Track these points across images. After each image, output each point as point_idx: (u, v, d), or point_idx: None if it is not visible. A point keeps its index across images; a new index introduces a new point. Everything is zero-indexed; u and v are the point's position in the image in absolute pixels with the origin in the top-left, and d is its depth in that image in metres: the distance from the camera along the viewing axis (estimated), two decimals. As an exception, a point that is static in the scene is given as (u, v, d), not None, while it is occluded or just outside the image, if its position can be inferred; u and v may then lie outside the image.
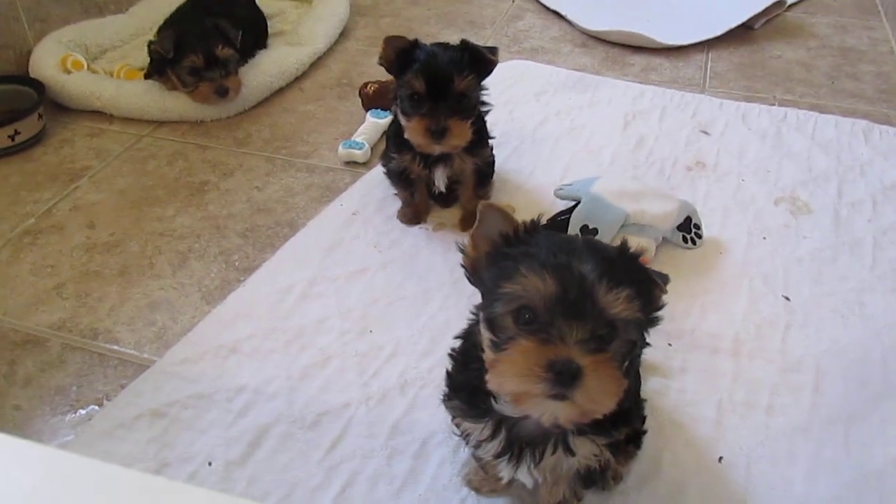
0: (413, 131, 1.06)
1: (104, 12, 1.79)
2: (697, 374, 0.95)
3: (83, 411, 0.92)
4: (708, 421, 0.90)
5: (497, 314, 0.62)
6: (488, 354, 0.63)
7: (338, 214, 1.23)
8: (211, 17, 1.59)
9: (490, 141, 1.19)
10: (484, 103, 1.13)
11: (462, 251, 0.70)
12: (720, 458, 0.85)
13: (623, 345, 0.62)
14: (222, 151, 1.41)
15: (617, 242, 1.06)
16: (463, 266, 0.69)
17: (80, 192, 1.31)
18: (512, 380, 0.59)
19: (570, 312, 0.59)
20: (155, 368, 0.96)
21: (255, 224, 1.23)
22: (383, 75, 1.61)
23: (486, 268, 0.66)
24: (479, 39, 1.77)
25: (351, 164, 1.37)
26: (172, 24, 1.59)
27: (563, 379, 0.57)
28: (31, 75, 1.53)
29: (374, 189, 1.29)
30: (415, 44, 1.06)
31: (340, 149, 1.36)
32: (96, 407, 0.93)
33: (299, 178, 1.33)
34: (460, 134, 1.06)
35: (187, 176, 1.35)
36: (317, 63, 1.70)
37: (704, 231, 1.17)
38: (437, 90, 1.03)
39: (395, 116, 1.16)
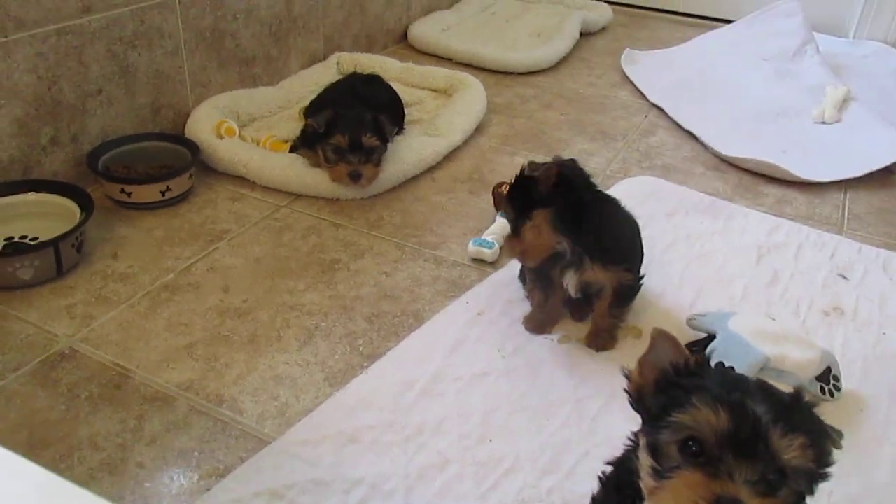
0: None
1: (258, 83, 1.89)
2: (835, 544, 0.89)
3: (203, 480, 0.93)
4: None
5: (663, 442, 0.62)
6: (648, 482, 0.62)
7: (463, 312, 1.24)
8: (358, 98, 1.67)
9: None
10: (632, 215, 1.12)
11: (627, 376, 0.69)
12: None
13: (791, 494, 0.59)
14: (354, 232, 1.45)
15: (754, 386, 1.03)
16: (627, 391, 0.69)
17: (218, 253, 1.36)
18: None
19: (741, 451, 0.57)
20: (275, 446, 0.97)
21: (382, 310, 1.24)
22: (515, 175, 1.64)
23: (652, 395, 0.66)
24: (610, 151, 1.79)
25: (478, 261, 1.38)
26: (326, 103, 1.66)
27: None
28: (187, 135, 1.63)
29: (501, 290, 1.29)
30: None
31: (470, 246, 1.37)
32: (216, 477, 0.93)
33: (427, 269, 1.35)
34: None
35: (320, 252, 1.38)
36: (450, 155, 1.74)
37: (843, 383, 1.12)
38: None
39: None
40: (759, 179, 1.73)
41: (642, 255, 1.20)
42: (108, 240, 1.38)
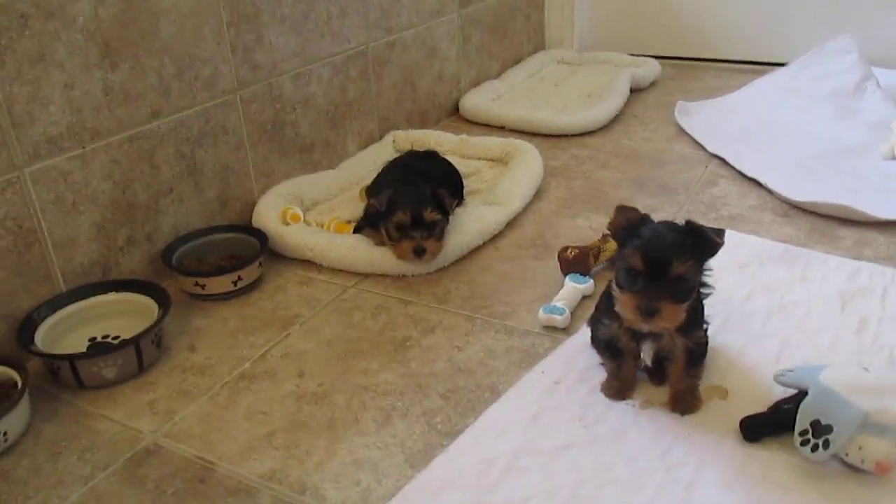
0: (623, 305, 1.05)
1: (318, 168, 1.95)
2: None
3: (292, 573, 0.92)
4: None
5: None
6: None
7: (539, 382, 1.21)
8: (417, 174, 1.70)
9: (705, 325, 1.15)
10: (705, 285, 1.09)
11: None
12: None
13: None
14: (423, 307, 1.45)
15: (857, 444, 0.98)
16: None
17: (290, 339, 1.38)
18: None
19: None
20: (362, 534, 0.95)
21: (457, 385, 1.23)
22: (578, 237, 1.64)
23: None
24: (674, 205, 1.77)
25: (550, 328, 1.36)
26: (385, 182, 1.70)
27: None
28: (254, 225, 1.67)
29: (576, 357, 1.26)
30: (644, 219, 1.06)
31: (541, 313, 1.36)
32: (304, 569, 0.92)
33: (498, 340, 1.34)
34: (671, 317, 1.03)
35: (390, 330, 1.39)
36: (512, 223, 1.74)
37: (950, 434, 1.05)
38: (654, 270, 1.02)
39: (610, 283, 1.15)
40: (833, 222, 1.67)
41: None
42: (185, 332, 1.42)
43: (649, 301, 1.01)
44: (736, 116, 2.25)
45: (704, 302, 1.13)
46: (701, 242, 1.04)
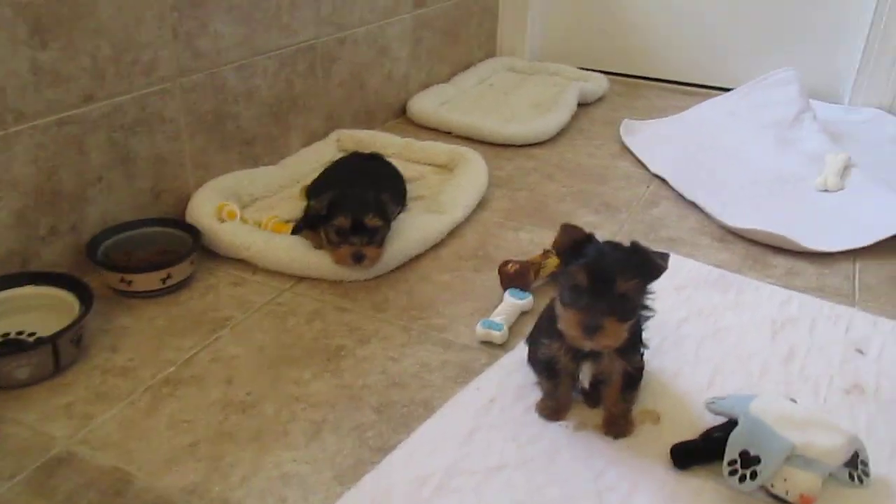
0: (567, 322, 1.04)
1: (259, 163, 1.89)
2: None
3: None
4: None
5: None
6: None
7: (474, 399, 1.20)
8: (360, 177, 1.66)
9: (643, 348, 1.15)
10: (646, 308, 1.10)
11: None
12: None
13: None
14: (359, 315, 1.42)
15: (782, 476, 0.99)
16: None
17: (220, 343, 1.33)
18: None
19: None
20: (284, 554, 0.92)
21: (390, 399, 1.20)
22: (520, 251, 1.63)
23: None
24: (615, 224, 1.78)
25: (487, 343, 1.34)
26: (327, 183, 1.66)
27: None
28: (188, 220, 1.61)
29: (512, 375, 1.25)
30: (589, 238, 1.06)
31: (479, 328, 1.34)
32: (222, 591, 0.88)
33: (434, 353, 1.32)
34: (614, 334, 1.03)
35: (324, 338, 1.35)
36: (454, 232, 1.72)
37: (871, 468, 1.08)
38: (599, 287, 1.02)
39: (552, 302, 1.14)
40: (767, 250, 1.71)
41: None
42: (107, 331, 1.35)
43: (593, 317, 1.01)
44: (678, 138, 2.28)
45: (643, 325, 1.14)
46: (645, 264, 1.04)
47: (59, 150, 1.39)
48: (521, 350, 1.30)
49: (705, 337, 1.37)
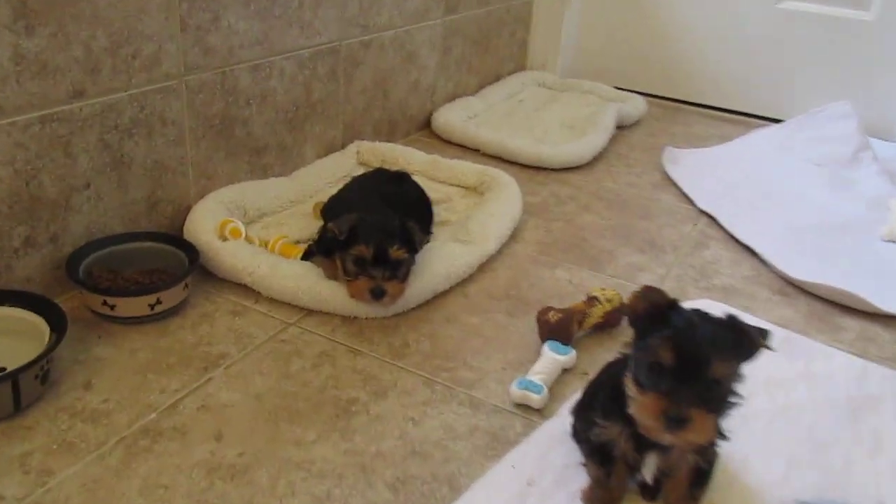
0: (643, 409, 0.84)
1: (268, 174, 1.71)
2: None
3: None
4: None
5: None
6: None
7: (508, 480, 1.01)
8: (384, 199, 1.48)
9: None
10: (736, 394, 0.90)
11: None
12: None
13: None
14: (375, 361, 1.23)
15: None
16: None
17: (212, 386, 1.14)
18: None
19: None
20: None
21: (408, 473, 1.01)
22: (557, 293, 1.44)
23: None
24: (661, 266, 1.59)
25: (523, 407, 1.15)
26: (345, 203, 1.47)
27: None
28: (186, 236, 1.42)
29: (553, 451, 1.06)
30: (673, 304, 0.87)
31: (514, 388, 1.15)
32: None
33: (462, 416, 1.12)
34: (703, 429, 0.83)
35: (334, 388, 1.16)
36: (484, 266, 1.53)
37: None
38: (688, 369, 0.82)
39: (609, 369, 0.95)
40: (833, 308, 1.52)
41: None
42: (82, 363, 1.16)
43: (679, 407, 0.81)
44: (726, 171, 2.09)
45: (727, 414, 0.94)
46: (742, 342, 0.85)
47: (42, 150, 1.21)
48: (564, 418, 1.11)
49: (775, 416, 1.18)
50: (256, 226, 1.57)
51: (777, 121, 2.44)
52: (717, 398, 0.84)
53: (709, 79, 2.71)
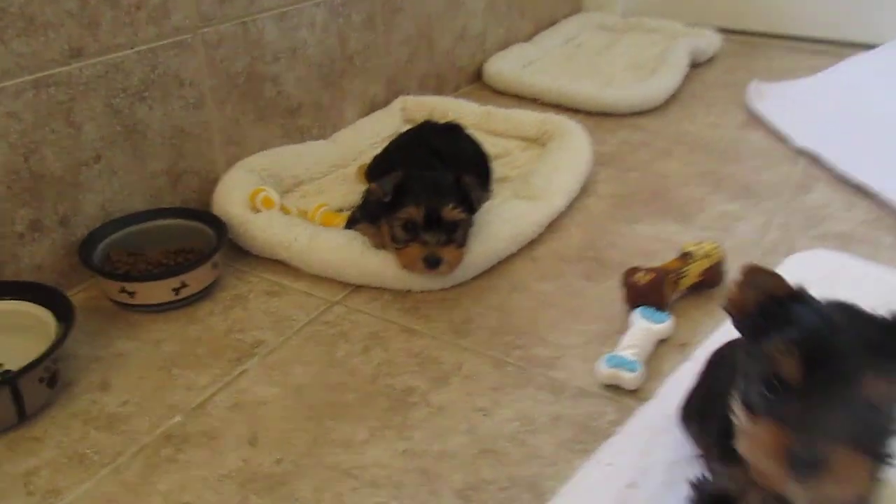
0: (757, 445, 0.58)
1: (305, 137, 1.53)
2: None
3: None
4: None
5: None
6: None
7: (604, 482, 0.81)
8: (435, 154, 1.29)
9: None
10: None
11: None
12: None
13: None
14: (434, 341, 1.05)
15: None
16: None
17: (246, 380, 0.98)
18: None
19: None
20: None
21: (481, 477, 0.83)
22: (641, 251, 1.23)
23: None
24: (760, 214, 1.37)
25: (613, 387, 0.95)
26: (392, 161, 1.29)
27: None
28: (214, 210, 1.26)
29: (656, 443, 0.86)
30: (797, 293, 0.62)
31: (602, 366, 0.95)
32: None
33: (540, 403, 0.93)
34: (850, 477, 0.54)
35: (387, 375, 0.98)
36: (553, 225, 1.33)
37: None
38: (826, 387, 0.56)
39: (724, 358, 0.74)
40: (976, 249, 1.27)
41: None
42: (99, 359, 1.02)
43: (811, 443, 0.54)
44: (825, 103, 1.82)
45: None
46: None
47: (40, 120, 1.06)
48: (663, 399, 0.91)
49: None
50: (294, 195, 1.40)
51: (871, 46, 2.14)
52: (873, 430, 0.56)
53: (789, 5, 2.42)
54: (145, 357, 1.02)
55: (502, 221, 1.24)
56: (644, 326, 1.02)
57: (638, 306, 1.06)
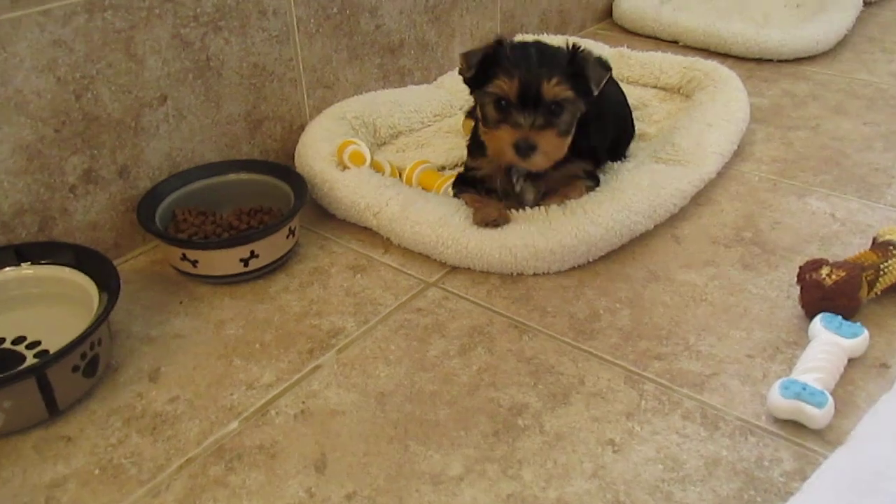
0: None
1: (406, 81, 1.33)
2: None
3: None
4: None
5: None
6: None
7: (786, 568, 0.59)
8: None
9: None
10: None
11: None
12: None
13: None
14: (550, 343, 0.84)
15: None
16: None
17: (318, 379, 0.80)
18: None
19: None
20: None
21: (612, 544, 0.62)
22: (816, 234, 0.97)
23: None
24: (976, 190, 1.06)
25: (792, 423, 0.72)
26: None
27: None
28: (297, 163, 1.08)
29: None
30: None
31: (778, 395, 0.72)
32: None
33: (689, 439, 0.71)
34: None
35: (490, 386, 0.78)
36: (700, 196, 1.08)
37: None
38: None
39: None
40: None
41: None
42: (153, 341, 0.86)
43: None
44: None
45: None
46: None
47: (93, 51, 0.89)
48: (860, 445, 0.67)
49: None
50: (390, 149, 1.21)
51: None
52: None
53: None
54: (204, 341, 0.86)
55: (637, 190, 0.99)
56: (831, 341, 0.77)
57: (819, 312, 0.81)
